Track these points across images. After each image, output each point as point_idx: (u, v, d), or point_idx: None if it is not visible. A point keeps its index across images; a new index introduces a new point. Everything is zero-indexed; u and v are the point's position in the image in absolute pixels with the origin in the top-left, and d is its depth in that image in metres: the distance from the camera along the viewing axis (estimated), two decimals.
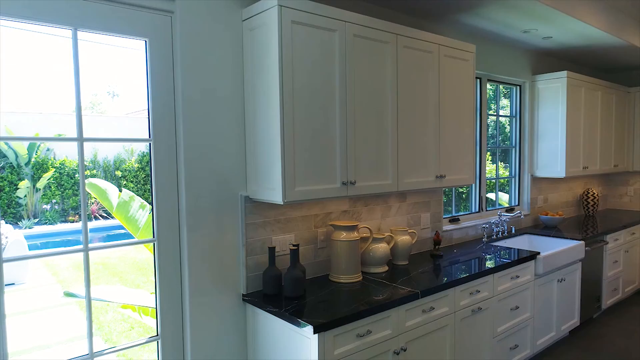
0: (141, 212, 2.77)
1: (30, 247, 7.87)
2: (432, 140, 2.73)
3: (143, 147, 13.24)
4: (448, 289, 2.44)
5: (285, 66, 2.00)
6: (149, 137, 1.99)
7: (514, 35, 3.57)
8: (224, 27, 2.14)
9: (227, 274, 2.21)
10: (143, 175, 13.13)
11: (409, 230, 2.85)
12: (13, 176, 11.25)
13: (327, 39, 2.16)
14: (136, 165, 13.05)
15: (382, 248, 2.62)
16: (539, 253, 3.11)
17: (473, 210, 3.87)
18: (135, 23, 1.91)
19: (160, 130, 2.01)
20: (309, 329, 1.84)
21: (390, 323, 2.15)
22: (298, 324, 1.90)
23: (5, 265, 1.67)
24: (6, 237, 6.64)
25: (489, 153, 4.14)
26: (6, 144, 11.10)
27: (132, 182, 12.91)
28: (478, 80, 3.77)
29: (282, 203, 2.04)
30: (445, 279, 2.49)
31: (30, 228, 10.80)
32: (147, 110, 2.01)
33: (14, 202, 11.15)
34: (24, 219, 11.14)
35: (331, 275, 2.47)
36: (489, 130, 4.05)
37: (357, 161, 2.31)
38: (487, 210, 3.93)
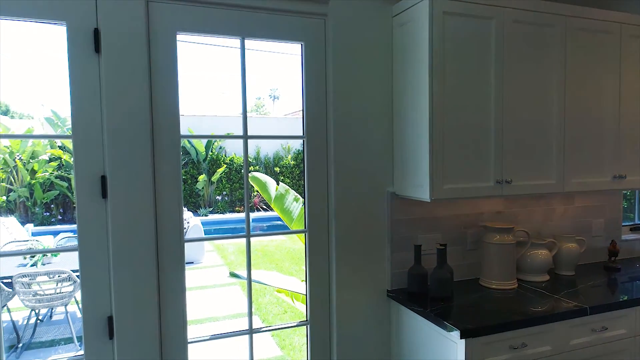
0: (295, 204, 2.98)
1: (205, 232, 9.09)
2: (609, 135, 2.36)
3: (298, 145, 14.22)
4: (627, 308, 2.08)
5: (436, 59, 1.93)
6: (303, 134, 2.12)
7: None
8: (375, 26, 2.17)
9: (372, 269, 2.23)
10: (298, 172, 14.11)
11: (577, 237, 2.52)
12: (194, 170, 13.15)
13: (482, 28, 2.02)
14: (292, 162, 14.09)
15: (542, 255, 2.36)
16: None
17: None
18: (292, 28, 2.05)
19: (313, 128, 2.12)
20: (456, 333, 1.76)
21: (551, 339, 1.93)
22: (444, 327, 1.83)
23: (186, 245, 1.95)
24: (187, 222, 7.79)
25: None
26: (189, 142, 13.00)
27: (288, 177, 13.99)
28: None
29: (429, 200, 1.98)
30: (625, 296, 2.13)
31: (205, 216, 12.48)
32: (302, 110, 2.14)
33: (194, 193, 13.03)
34: (201, 208, 12.92)
35: (481, 279, 2.32)
36: None
37: (514, 158, 2.12)
38: None
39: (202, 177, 12.85)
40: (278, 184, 3.12)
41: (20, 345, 4.60)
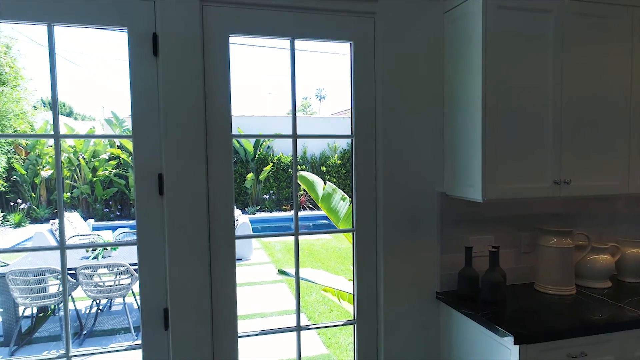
0: (342, 203, 2.99)
1: (253, 230, 9.28)
2: None
3: (345, 145, 14.22)
4: None
5: (490, 55, 1.87)
6: (351, 133, 2.12)
7: None
8: (425, 23, 2.13)
9: (421, 270, 2.20)
10: (344, 171, 14.11)
11: None
12: (242, 169, 13.46)
13: (540, 22, 1.94)
14: (338, 161, 14.12)
15: (603, 260, 2.24)
16: None
17: None
18: (341, 27, 2.06)
19: (362, 127, 2.12)
20: (510, 338, 1.70)
21: (613, 349, 1.82)
22: (496, 331, 1.78)
23: (236, 242, 2.00)
24: (237, 220, 7.99)
25: None
26: (238, 141, 13.33)
27: (334, 177, 14.03)
28: None
29: (481, 201, 1.92)
30: None
31: (253, 214, 12.75)
32: (349, 110, 2.14)
33: (242, 191, 13.34)
34: (249, 206, 13.21)
35: (536, 284, 2.23)
36: None
37: (573, 157, 2.02)
38: None
39: (250, 176, 13.14)
40: (325, 183, 3.14)
41: (84, 332, 4.90)
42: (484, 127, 1.89)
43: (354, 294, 2.20)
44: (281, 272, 3.32)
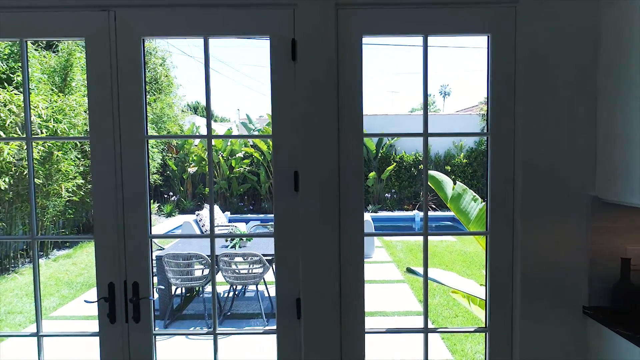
0: (473, 204, 2.84)
1: (375, 229, 9.31)
2: None
3: (471, 143, 13.49)
4: None
5: None
6: (487, 131, 2.01)
7: None
8: (575, 8, 1.92)
9: (565, 281, 2.00)
10: (470, 171, 13.41)
11: None
12: (364, 168, 13.61)
13: None
14: (464, 160, 13.46)
15: None
16: None
17: None
18: (479, 20, 1.96)
19: (498, 124, 1.99)
20: None
21: None
22: None
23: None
24: None
25: None
26: None
27: (459, 176, 13.42)
28: None
29: None
30: None
31: (375, 212, 12.81)
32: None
33: (364, 189, 13.49)
34: (370, 204, 13.31)
35: None
36: None
37: None
38: None
39: (372, 175, 13.22)
40: (455, 183, 3.02)
41: (227, 313, 5.43)
42: None
43: (485, 300, 2.09)
44: (409, 270, 3.28)
